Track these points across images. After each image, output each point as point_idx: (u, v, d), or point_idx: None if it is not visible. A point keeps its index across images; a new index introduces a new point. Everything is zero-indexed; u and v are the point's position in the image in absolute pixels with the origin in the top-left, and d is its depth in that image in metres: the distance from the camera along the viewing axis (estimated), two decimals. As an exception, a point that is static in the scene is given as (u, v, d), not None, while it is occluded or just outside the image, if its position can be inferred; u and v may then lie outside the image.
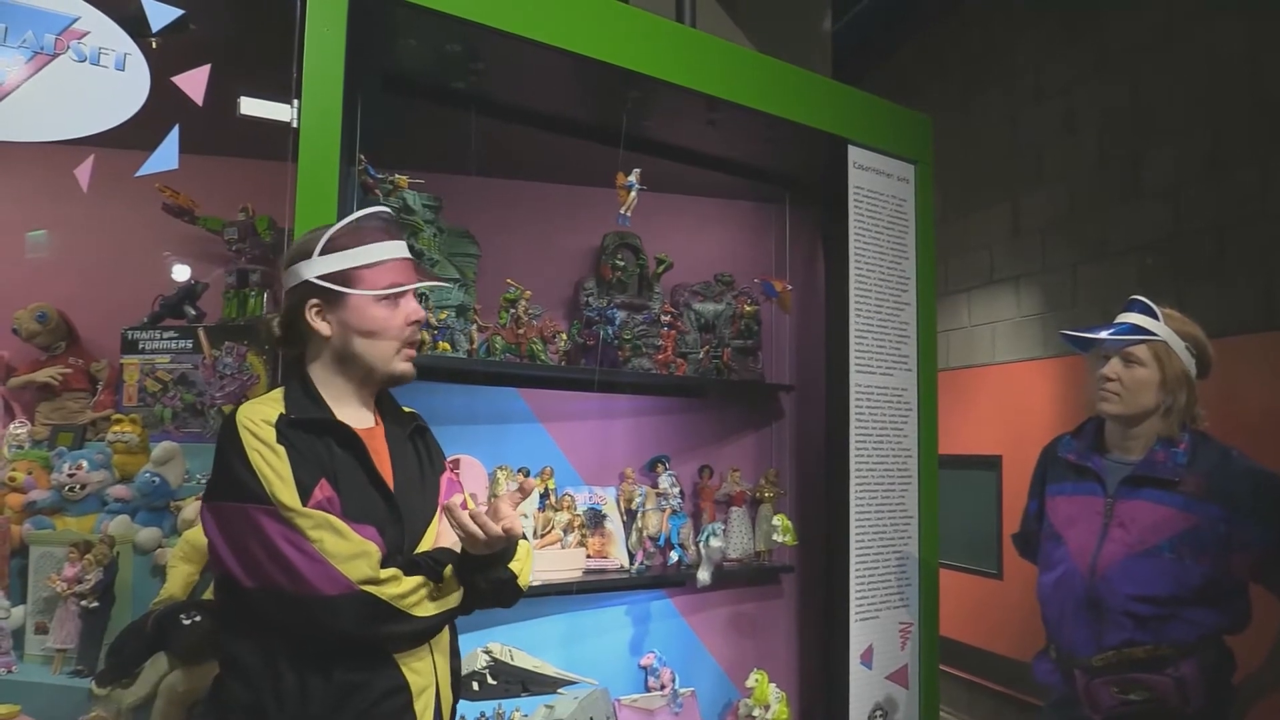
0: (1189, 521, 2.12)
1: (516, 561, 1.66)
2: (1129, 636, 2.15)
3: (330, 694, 1.47)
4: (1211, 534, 2.11)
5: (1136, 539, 2.17)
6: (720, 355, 3.38)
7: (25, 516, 2.50)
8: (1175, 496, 2.15)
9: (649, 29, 2.68)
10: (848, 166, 3.07)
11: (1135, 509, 2.20)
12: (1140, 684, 2.13)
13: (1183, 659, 2.09)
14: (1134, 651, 2.13)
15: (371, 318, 1.64)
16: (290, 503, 1.46)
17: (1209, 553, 2.11)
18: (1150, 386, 2.22)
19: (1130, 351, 2.24)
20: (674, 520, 3.15)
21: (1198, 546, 2.11)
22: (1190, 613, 2.12)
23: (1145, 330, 2.25)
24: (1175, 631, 2.11)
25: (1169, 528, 2.14)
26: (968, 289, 5.67)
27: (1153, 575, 2.13)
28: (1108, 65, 4.68)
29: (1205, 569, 2.10)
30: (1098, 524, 2.25)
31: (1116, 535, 2.21)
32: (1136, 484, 2.22)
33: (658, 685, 3.18)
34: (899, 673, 3.11)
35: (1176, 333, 2.25)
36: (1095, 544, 2.23)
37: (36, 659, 2.41)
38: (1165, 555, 2.13)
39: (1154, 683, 2.11)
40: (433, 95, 2.69)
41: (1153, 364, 2.22)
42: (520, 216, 3.18)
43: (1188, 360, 2.24)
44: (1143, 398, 2.22)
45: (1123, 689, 2.15)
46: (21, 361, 2.82)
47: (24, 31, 1.81)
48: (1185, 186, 4.18)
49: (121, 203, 2.40)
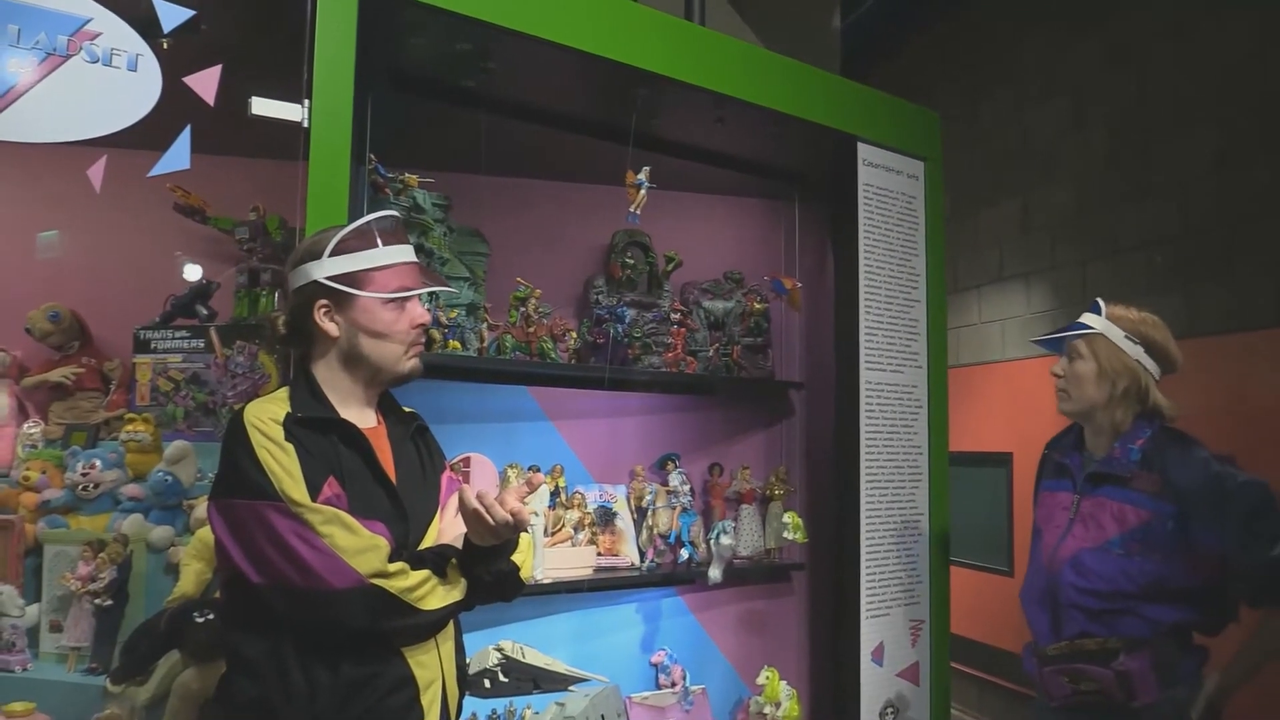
0: (1140, 518, 2.17)
1: (519, 554, 1.68)
2: (1083, 629, 2.20)
3: (338, 688, 1.48)
4: (1162, 530, 2.14)
5: (1091, 534, 2.24)
6: (730, 353, 3.38)
7: (39, 515, 2.51)
8: (1130, 493, 2.20)
9: (658, 27, 2.68)
10: (857, 163, 3.07)
11: (1095, 505, 2.26)
12: (1087, 675, 2.18)
13: (1130, 653, 2.12)
14: (1085, 643, 2.19)
15: (380, 320, 1.67)
16: (300, 498, 1.47)
17: (1159, 549, 2.14)
18: (1089, 379, 2.30)
19: (1071, 346, 2.36)
20: (684, 518, 3.15)
21: (1148, 543, 2.15)
22: (1145, 608, 2.15)
23: (1086, 327, 2.34)
24: (1127, 626, 2.15)
25: (1121, 523, 2.19)
26: (978, 286, 5.66)
27: (1100, 569, 2.18)
28: (1116, 62, 4.66)
29: (1155, 565, 2.13)
30: (1065, 520, 2.32)
31: (1078, 531, 2.27)
32: (1098, 481, 2.28)
33: (668, 683, 3.18)
34: (910, 670, 3.10)
35: (1118, 326, 2.32)
36: (1058, 538, 2.31)
37: (51, 657, 2.43)
38: (1115, 551, 2.18)
39: (1097, 675, 2.16)
40: (442, 94, 2.69)
41: (1090, 356, 2.31)
42: (530, 215, 3.18)
43: (1131, 349, 2.29)
44: (1086, 390, 2.30)
45: (1072, 679, 2.21)
46: (35, 361, 2.83)
47: (37, 33, 1.82)
48: (1195, 183, 4.16)
49: (134, 203, 2.41)
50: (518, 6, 2.36)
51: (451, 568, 1.61)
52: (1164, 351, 2.33)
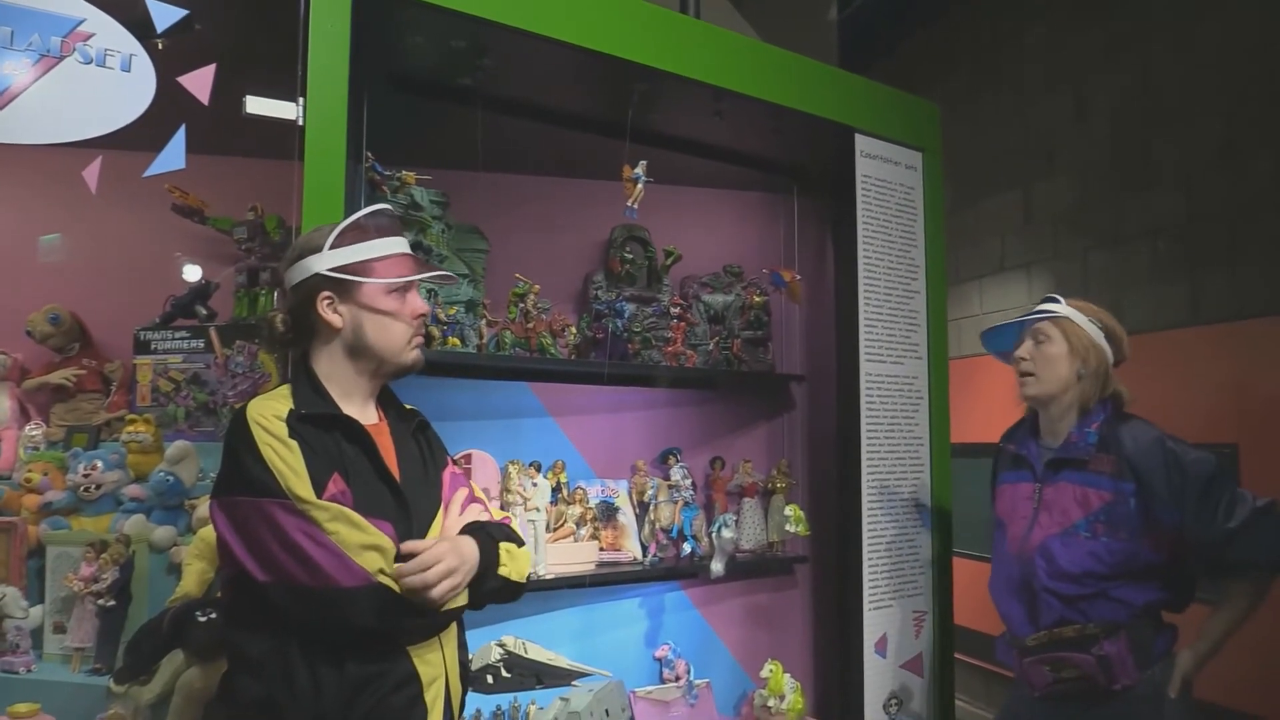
0: (1102, 499, 2.21)
1: (506, 566, 1.67)
2: (1060, 616, 2.23)
3: (342, 686, 1.48)
4: (1124, 510, 2.18)
5: (1056, 520, 2.27)
6: (730, 346, 3.38)
7: (42, 517, 2.52)
8: (1090, 475, 2.24)
9: (654, 21, 2.68)
10: (855, 155, 3.06)
11: (1057, 491, 2.30)
12: (1069, 663, 2.20)
13: (1108, 638, 2.15)
14: (1064, 631, 2.21)
15: (384, 308, 1.68)
16: (306, 495, 1.47)
17: (1124, 528, 2.17)
18: (1061, 358, 2.33)
19: (1037, 329, 2.39)
20: (686, 512, 3.15)
21: (1112, 523, 2.18)
22: (1117, 590, 2.18)
23: (1049, 313, 2.39)
24: (1103, 611, 2.18)
25: (1085, 506, 2.23)
26: (979, 277, 5.65)
27: (1070, 554, 2.21)
28: (1118, 51, 4.64)
29: (1123, 545, 2.17)
30: (1029, 510, 2.35)
31: (1043, 519, 2.31)
32: (1057, 467, 2.32)
33: (672, 677, 3.19)
34: (913, 661, 3.10)
35: (1081, 310, 2.38)
36: (1025, 529, 2.34)
37: (55, 658, 2.44)
38: (1081, 534, 2.22)
39: (1079, 661, 2.18)
40: (438, 91, 2.69)
41: (1059, 336, 2.35)
42: (528, 211, 3.18)
43: (1095, 332, 2.34)
44: (1057, 369, 2.33)
45: (1054, 667, 2.24)
46: (35, 363, 2.84)
47: (30, 34, 1.82)
48: (1197, 173, 4.15)
49: (130, 204, 2.42)
50: (512, 2, 2.36)
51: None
52: (1120, 339, 2.39)
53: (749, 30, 3.78)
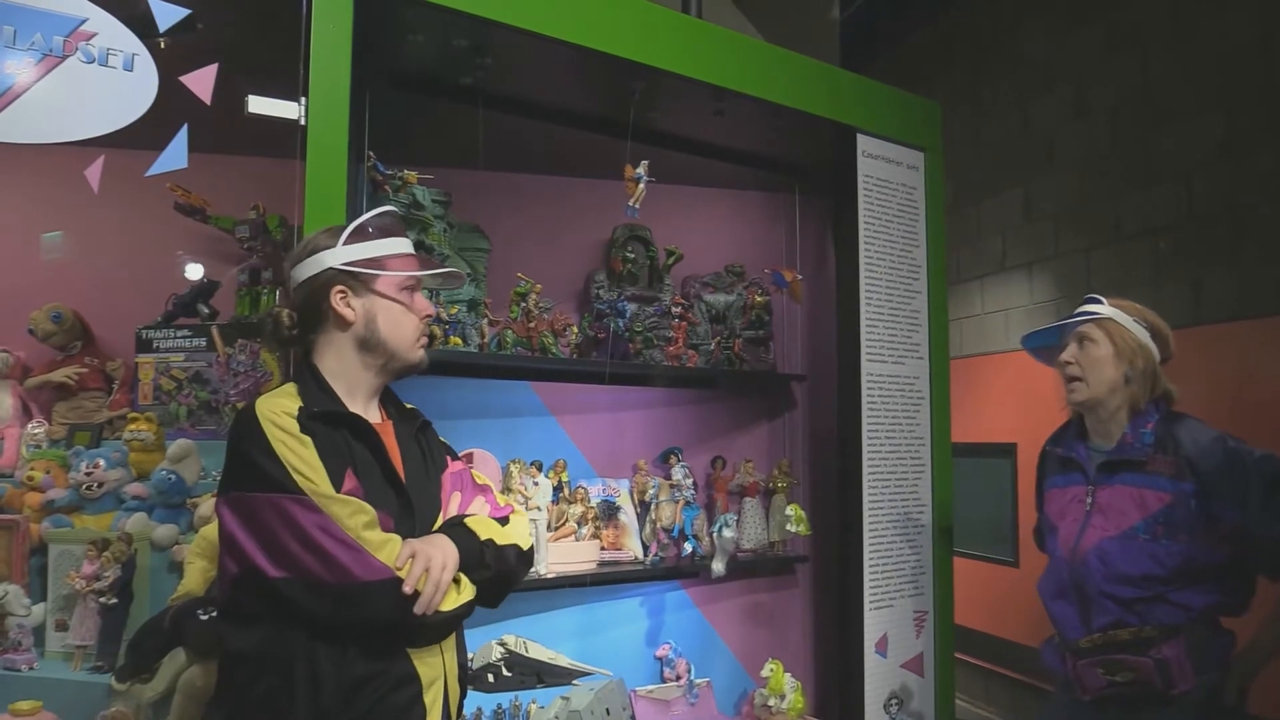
0: (1161, 500, 2.16)
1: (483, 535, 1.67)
2: (1116, 619, 2.18)
3: (342, 685, 1.48)
4: (1184, 511, 2.13)
5: (1113, 522, 2.23)
6: (731, 346, 3.38)
7: (44, 515, 2.52)
8: (1148, 477, 2.20)
9: (655, 20, 2.68)
10: (856, 155, 3.06)
11: (1112, 494, 2.25)
12: (1124, 665, 2.16)
13: (1166, 641, 2.11)
14: (1119, 634, 2.17)
15: (398, 300, 1.71)
16: (325, 490, 1.48)
17: (1184, 530, 2.13)
18: (1107, 360, 2.29)
19: (1081, 332, 2.34)
20: (687, 511, 3.15)
21: (1172, 525, 2.14)
22: (1177, 594, 2.14)
23: (1093, 314, 2.35)
24: (1161, 614, 2.14)
25: (1143, 508, 2.18)
26: (980, 276, 5.64)
27: (1128, 556, 2.17)
28: (1118, 49, 4.64)
29: (1183, 547, 2.13)
30: (1081, 512, 2.31)
31: (1097, 521, 2.26)
32: (1112, 469, 2.27)
33: (673, 676, 3.19)
34: (914, 661, 3.11)
35: (1124, 310, 2.33)
36: (1078, 531, 2.29)
37: (57, 655, 2.44)
38: (1140, 536, 2.17)
39: (1136, 664, 2.14)
40: (440, 91, 2.69)
41: (1104, 339, 2.30)
42: (529, 210, 3.18)
43: (1140, 332, 2.30)
44: (1104, 372, 2.28)
45: (1108, 670, 2.19)
46: (38, 362, 2.84)
47: (32, 34, 1.82)
48: (1198, 170, 4.15)
49: (133, 203, 2.41)
50: (514, 1, 2.36)
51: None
52: (1165, 337, 2.34)
53: (750, 30, 3.79)
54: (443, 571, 1.53)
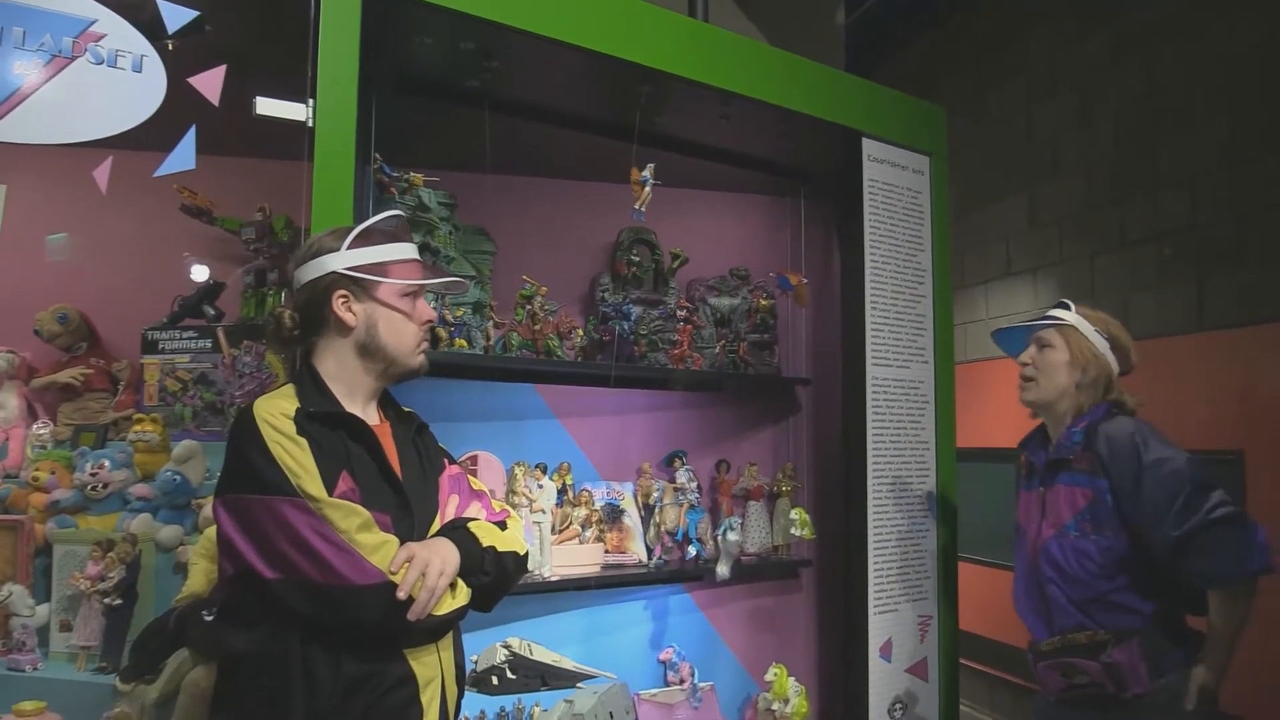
0: (1086, 497, 2.23)
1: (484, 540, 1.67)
2: (1075, 622, 2.23)
3: (339, 685, 1.48)
4: (1103, 507, 2.19)
5: (1052, 522, 2.30)
6: (736, 349, 3.38)
7: (48, 516, 2.53)
8: (1076, 475, 2.27)
9: (662, 24, 2.68)
10: (862, 159, 3.06)
11: (1055, 494, 2.32)
12: (1077, 669, 2.20)
13: (1119, 644, 2.15)
14: (1076, 637, 2.22)
15: (399, 308, 1.70)
16: (318, 494, 1.48)
17: (1107, 526, 2.19)
18: (1060, 366, 2.37)
19: (1040, 336, 2.44)
20: (692, 515, 3.15)
21: (1096, 521, 2.20)
22: (1123, 596, 2.18)
23: (1057, 319, 2.43)
24: (1116, 617, 2.18)
25: (1073, 506, 2.25)
26: (985, 281, 5.64)
27: (1064, 554, 2.24)
28: (1123, 54, 4.64)
29: (1109, 542, 2.18)
30: (1038, 515, 2.37)
31: (1046, 523, 2.33)
32: (1054, 470, 2.34)
33: (677, 679, 3.19)
34: (918, 666, 3.10)
35: (1088, 320, 2.41)
36: (1035, 534, 2.37)
37: (61, 656, 2.44)
38: (1071, 534, 2.24)
39: (1088, 668, 2.18)
40: (447, 93, 2.69)
41: (1062, 345, 2.39)
42: (535, 213, 3.18)
43: (1099, 342, 2.37)
44: (1057, 377, 2.37)
45: (1065, 673, 2.24)
46: (43, 362, 2.85)
47: (42, 35, 1.83)
48: (1203, 175, 4.14)
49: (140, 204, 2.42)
50: (521, 5, 2.36)
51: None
52: (1125, 350, 2.40)
53: (756, 34, 3.79)
54: (439, 577, 1.53)
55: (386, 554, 1.50)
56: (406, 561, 1.51)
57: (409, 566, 1.50)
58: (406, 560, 1.51)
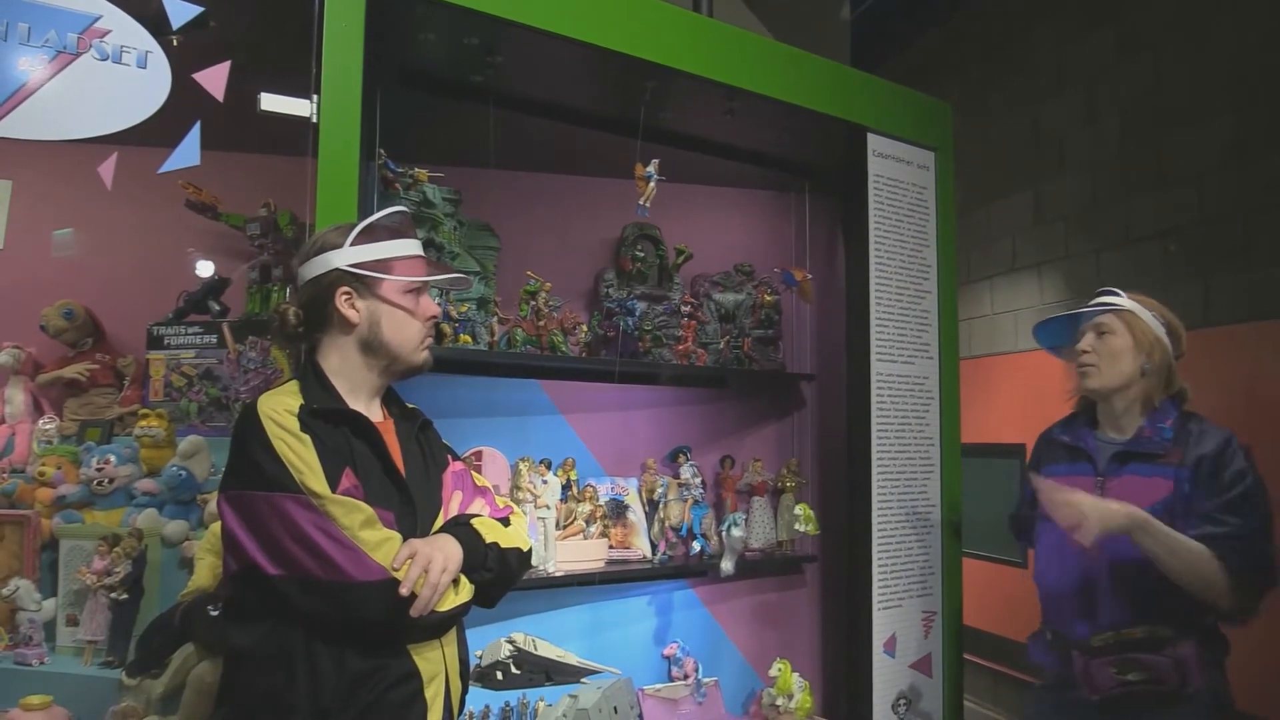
0: (1166, 488, 2.16)
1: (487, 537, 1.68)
2: (1127, 616, 2.16)
3: (343, 681, 1.48)
4: (1181, 495, 2.13)
5: None
6: (741, 345, 3.38)
7: (54, 510, 2.54)
8: (1160, 467, 2.19)
9: (666, 19, 2.68)
10: (867, 154, 3.06)
11: (1124, 484, 2.23)
12: (1138, 664, 2.13)
13: (1180, 639, 2.10)
14: (1132, 632, 2.15)
15: (402, 305, 1.70)
16: (321, 490, 1.48)
17: (1180, 517, 2.12)
18: (1125, 352, 2.28)
19: (1100, 322, 2.33)
20: (696, 510, 3.15)
21: (1173, 510, 2.13)
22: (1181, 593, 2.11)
23: (1111, 306, 2.34)
24: (1177, 613, 2.12)
25: (1150, 497, 2.16)
26: (990, 276, 5.63)
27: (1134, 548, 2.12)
28: (1129, 51, 4.63)
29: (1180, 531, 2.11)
30: None
31: None
32: (1124, 460, 2.26)
33: (681, 675, 3.19)
34: (922, 661, 3.10)
35: (1143, 305, 2.33)
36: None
37: (67, 650, 2.45)
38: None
39: (1152, 663, 2.11)
40: (451, 89, 2.69)
41: (1123, 330, 2.29)
42: (539, 209, 3.18)
43: (1157, 327, 2.30)
44: (1120, 364, 2.28)
45: (1120, 669, 2.16)
46: (49, 358, 2.86)
47: (47, 31, 1.83)
48: (1209, 172, 4.13)
49: (145, 200, 2.43)
50: (524, 0, 2.36)
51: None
52: (1179, 334, 2.34)
53: (761, 29, 3.78)
54: (442, 574, 1.53)
55: (389, 550, 1.50)
56: (409, 558, 1.51)
57: (411, 563, 1.50)
58: (409, 556, 1.51)
